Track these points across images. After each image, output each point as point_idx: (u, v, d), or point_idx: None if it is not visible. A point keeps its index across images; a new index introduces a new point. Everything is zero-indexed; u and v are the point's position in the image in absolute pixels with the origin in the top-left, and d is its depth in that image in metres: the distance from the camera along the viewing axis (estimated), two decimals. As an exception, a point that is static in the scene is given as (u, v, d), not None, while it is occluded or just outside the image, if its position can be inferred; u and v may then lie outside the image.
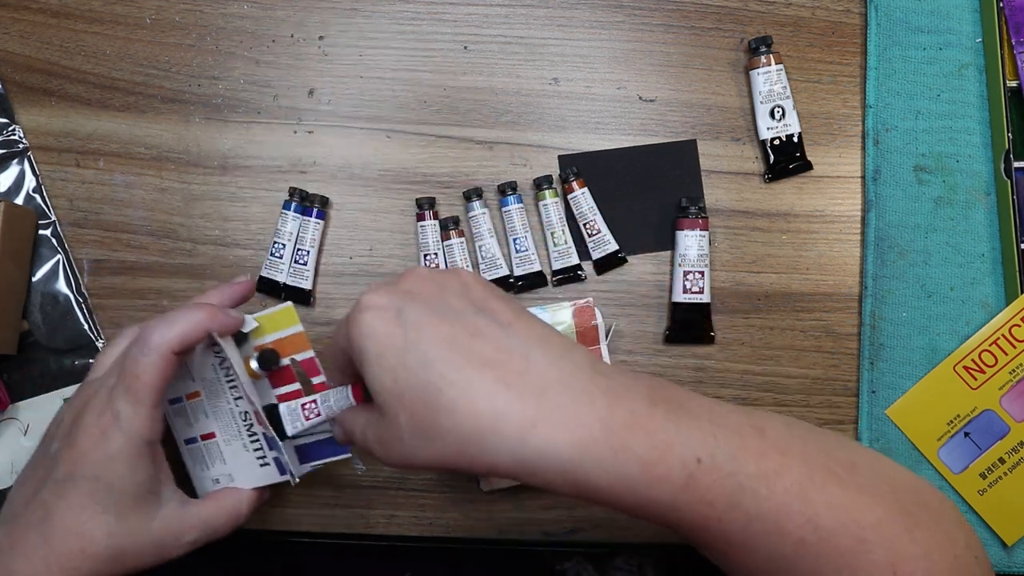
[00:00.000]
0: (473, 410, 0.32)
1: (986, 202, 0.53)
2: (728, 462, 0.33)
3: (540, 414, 0.32)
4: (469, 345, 0.33)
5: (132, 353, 0.40)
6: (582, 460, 0.32)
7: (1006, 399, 0.51)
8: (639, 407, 0.34)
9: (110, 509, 0.39)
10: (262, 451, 0.45)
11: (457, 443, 0.32)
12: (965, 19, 0.54)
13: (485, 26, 0.55)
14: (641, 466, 0.32)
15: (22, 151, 0.53)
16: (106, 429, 0.39)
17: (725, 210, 0.54)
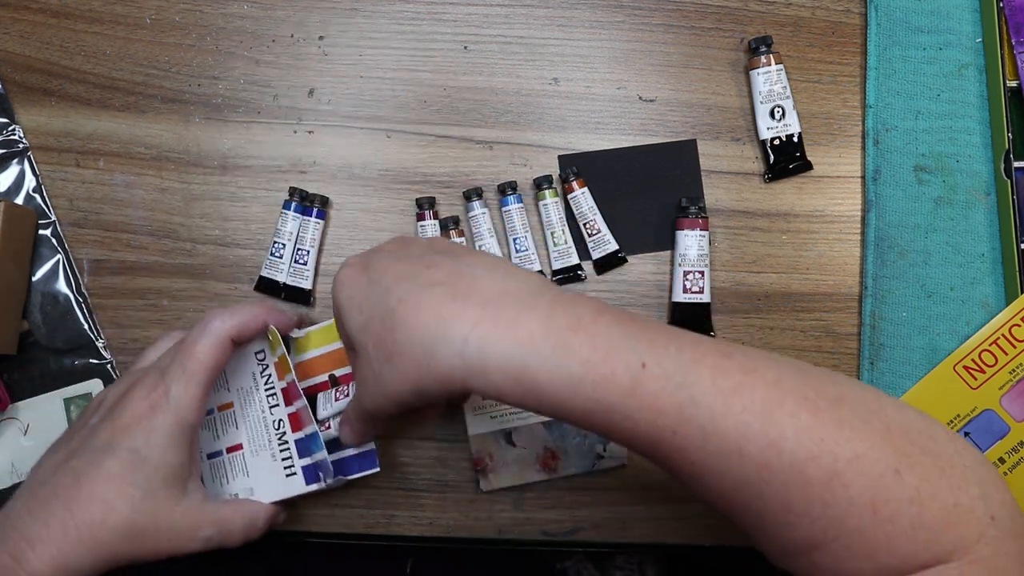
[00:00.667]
0: (422, 321, 0.34)
1: (986, 202, 0.53)
2: (678, 372, 0.33)
3: (482, 317, 0.33)
4: (422, 275, 0.36)
5: (191, 336, 0.42)
6: (523, 357, 0.33)
7: (1006, 399, 0.51)
8: (584, 313, 0.34)
9: (140, 484, 0.40)
10: (290, 460, 0.46)
11: (413, 356, 0.34)
12: (965, 19, 0.54)
13: (485, 26, 0.55)
14: (583, 365, 0.33)
15: (22, 151, 0.53)
16: (155, 404, 0.40)
17: (725, 210, 0.54)
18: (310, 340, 0.47)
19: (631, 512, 0.52)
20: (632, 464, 0.52)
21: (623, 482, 0.52)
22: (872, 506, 0.32)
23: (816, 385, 0.34)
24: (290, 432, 0.46)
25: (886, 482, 0.32)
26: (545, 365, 0.33)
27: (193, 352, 0.42)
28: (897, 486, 0.32)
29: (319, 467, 0.46)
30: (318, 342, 0.47)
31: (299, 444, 0.46)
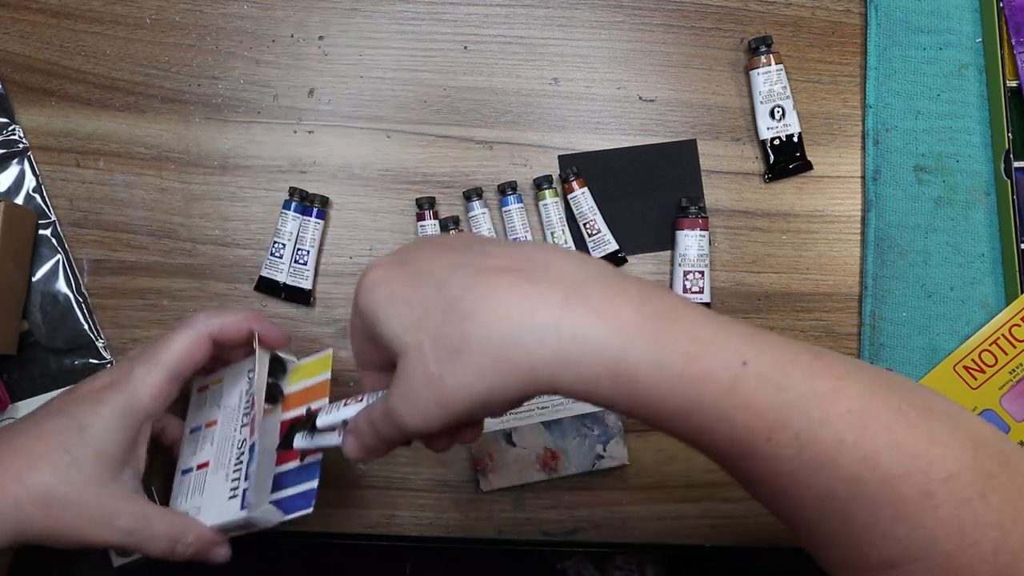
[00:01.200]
0: (500, 310, 0.30)
1: (986, 202, 0.53)
2: (777, 373, 0.30)
3: (572, 301, 0.30)
4: (481, 262, 0.31)
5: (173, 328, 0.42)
6: (623, 346, 0.29)
7: (1006, 399, 0.51)
8: (674, 303, 0.31)
9: (70, 451, 0.38)
10: (237, 481, 0.42)
11: (489, 350, 0.30)
12: (965, 19, 0.54)
13: (485, 26, 0.55)
14: (683, 358, 0.30)
15: (22, 151, 0.53)
16: (115, 382, 0.40)
17: (725, 210, 0.54)
18: (301, 372, 0.45)
19: (631, 512, 0.52)
20: (632, 464, 0.52)
21: (623, 482, 0.52)
22: (960, 530, 0.30)
23: (905, 395, 0.32)
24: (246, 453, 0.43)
25: (974, 505, 0.30)
26: (647, 357, 0.29)
27: (167, 341, 0.41)
28: (984, 509, 0.30)
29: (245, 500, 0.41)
30: (308, 373, 0.45)
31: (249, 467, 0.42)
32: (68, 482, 0.38)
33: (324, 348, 0.45)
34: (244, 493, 0.41)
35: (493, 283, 0.30)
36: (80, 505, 0.38)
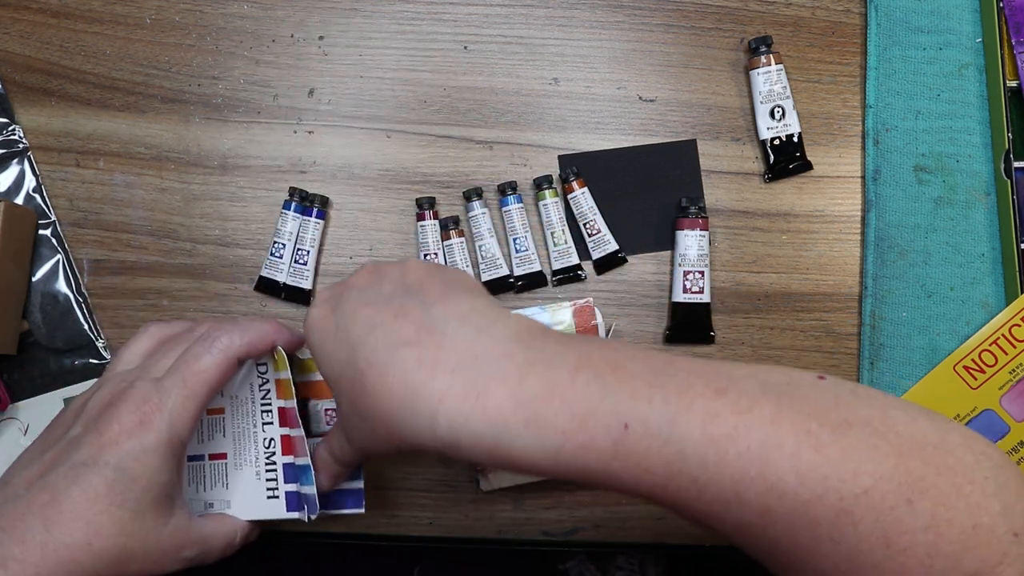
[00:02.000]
0: (389, 391, 0.32)
1: (986, 202, 0.53)
2: (665, 427, 0.31)
3: (451, 388, 0.32)
4: (390, 326, 0.34)
5: (195, 350, 0.40)
6: (495, 435, 0.31)
7: (1006, 399, 0.51)
8: (558, 376, 0.32)
9: (128, 505, 0.36)
10: (275, 482, 0.43)
11: (383, 423, 0.33)
12: (965, 19, 0.54)
13: (485, 26, 0.55)
14: (560, 436, 0.31)
15: (22, 151, 0.53)
16: (147, 418, 0.37)
17: (725, 210, 0.54)
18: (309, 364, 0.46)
19: (631, 512, 0.52)
20: (632, 464, 0.52)
21: (623, 482, 0.52)
22: (884, 540, 0.30)
23: (819, 412, 0.32)
24: (280, 454, 0.44)
25: (898, 514, 0.30)
26: (519, 441, 0.31)
27: (196, 368, 0.39)
28: (910, 516, 0.30)
29: (304, 499, 0.43)
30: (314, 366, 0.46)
31: (287, 469, 0.43)
32: (135, 537, 0.37)
33: None
34: (288, 495, 0.43)
35: (391, 359, 0.33)
36: (150, 552, 0.38)
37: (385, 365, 0.33)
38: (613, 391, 0.31)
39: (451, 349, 0.32)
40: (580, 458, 0.31)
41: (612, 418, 0.31)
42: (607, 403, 0.31)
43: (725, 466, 0.31)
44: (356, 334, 0.34)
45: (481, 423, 0.31)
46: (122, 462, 0.37)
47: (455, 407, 0.31)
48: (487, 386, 0.32)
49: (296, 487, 0.43)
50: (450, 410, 0.31)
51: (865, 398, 0.34)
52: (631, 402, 0.31)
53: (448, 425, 0.31)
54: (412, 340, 0.33)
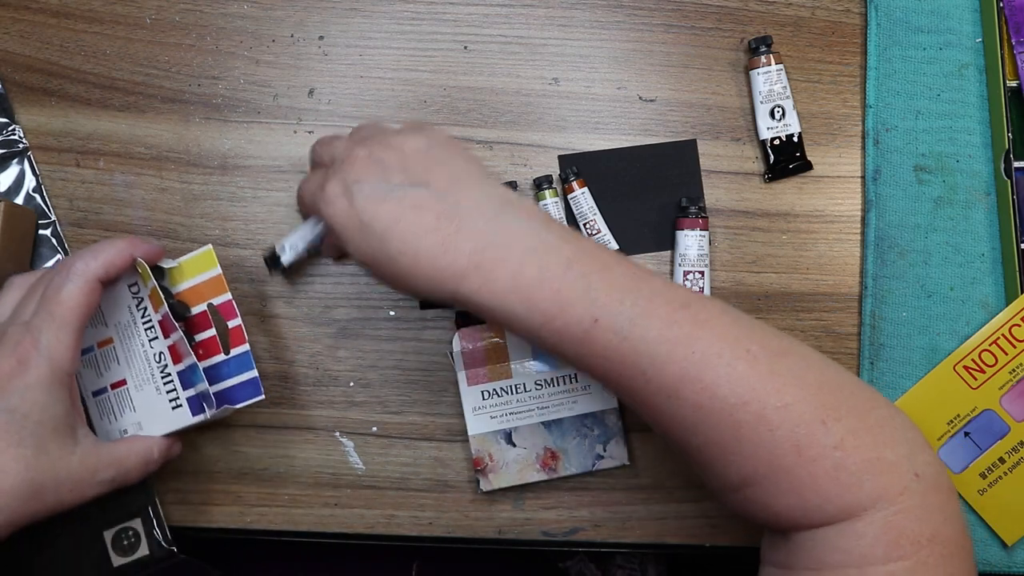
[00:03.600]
0: (421, 272, 0.38)
1: (986, 202, 0.53)
2: (626, 326, 0.37)
3: (468, 271, 0.38)
4: (412, 217, 0.39)
5: (55, 282, 0.40)
6: (500, 305, 0.38)
7: (1006, 399, 0.51)
8: (552, 266, 0.38)
9: (27, 442, 0.38)
10: (175, 392, 0.46)
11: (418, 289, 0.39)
12: (965, 19, 0.54)
13: (485, 26, 0.55)
14: (544, 318, 0.38)
15: (22, 151, 0.53)
16: (24, 357, 0.39)
17: (725, 210, 0.54)
18: (183, 270, 0.47)
19: (631, 512, 0.52)
20: (632, 464, 0.52)
21: (623, 482, 0.52)
22: (796, 448, 0.36)
23: (762, 339, 0.38)
24: (171, 364, 0.46)
25: (811, 429, 0.36)
26: (514, 316, 0.38)
27: (59, 298, 0.40)
28: (822, 434, 0.36)
29: (202, 398, 0.45)
30: (192, 271, 0.47)
31: (181, 376, 0.46)
32: (43, 470, 0.39)
33: None
34: (190, 400, 0.46)
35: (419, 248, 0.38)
36: (62, 481, 0.39)
37: (416, 252, 0.38)
38: (594, 288, 0.38)
39: (467, 235, 0.38)
40: (556, 338, 0.38)
41: (587, 311, 0.37)
42: (587, 297, 0.38)
43: (672, 364, 0.37)
44: (382, 227, 0.39)
45: (489, 297, 0.38)
46: (10, 403, 0.38)
47: (471, 284, 0.38)
48: (494, 270, 0.38)
49: (193, 391, 0.45)
50: (468, 286, 0.38)
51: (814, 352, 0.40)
52: (605, 300, 0.38)
53: (466, 296, 0.38)
54: (433, 227, 0.38)
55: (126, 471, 0.43)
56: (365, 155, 0.41)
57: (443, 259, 0.38)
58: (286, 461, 0.52)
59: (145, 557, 0.49)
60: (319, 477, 0.52)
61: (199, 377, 0.45)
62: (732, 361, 0.37)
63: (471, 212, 0.39)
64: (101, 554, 0.49)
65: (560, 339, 0.38)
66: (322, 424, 0.52)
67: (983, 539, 0.51)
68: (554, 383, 0.51)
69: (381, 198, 0.39)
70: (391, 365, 0.52)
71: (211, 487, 0.51)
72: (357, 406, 0.52)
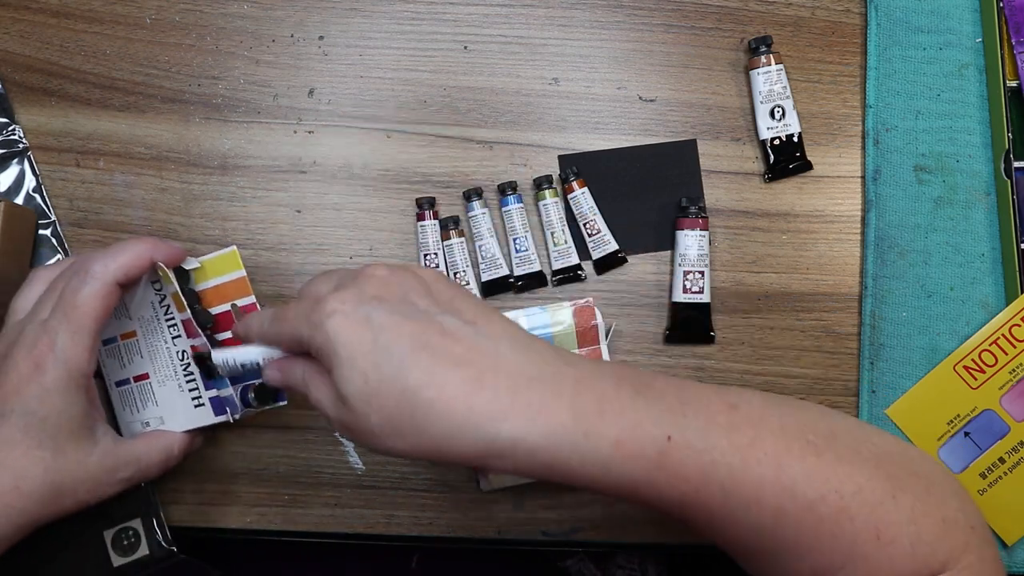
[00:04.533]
0: (450, 409, 0.33)
1: (986, 202, 0.53)
2: (699, 439, 0.35)
3: (513, 408, 0.33)
4: (440, 345, 0.34)
5: (72, 284, 0.40)
6: (556, 446, 0.33)
7: (1006, 399, 0.51)
8: (606, 390, 0.35)
9: (45, 444, 0.38)
10: (197, 391, 0.46)
11: (431, 438, 0.33)
12: (965, 19, 0.54)
13: (485, 26, 0.55)
14: (613, 446, 0.34)
15: (22, 151, 0.53)
16: (40, 360, 0.38)
17: (725, 210, 0.54)
18: (206, 271, 0.47)
19: (631, 512, 0.52)
20: (632, 464, 0.52)
21: (623, 482, 0.52)
22: (876, 532, 0.35)
23: (812, 425, 0.37)
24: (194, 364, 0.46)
25: (886, 508, 0.35)
26: (578, 452, 0.33)
27: (76, 301, 0.39)
28: (896, 510, 0.35)
29: (225, 402, 0.45)
30: (215, 271, 0.47)
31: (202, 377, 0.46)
32: (62, 472, 0.39)
33: None
34: (212, 401, 0.46)
35: (448, 379, 0.33)
36: (81, 482, 0.40)
37: (442, 385, 0.33)
38: (653, 405, 0.35)
39: (506, 371, 0.34)
40: (627, 467, 0.34)
41: (657, 429, 0.34)
42: (651, 415, 0.34)
43: (748, 471, 0.34)
44: (403, 351, 0.33)
45: (542, 436, 0.33)
46: (27, 407, 0.38)
47: (520, 424, 0.33)
48: (545, 403, 0.33)
49: (216, 392, 0.45)
50: (514, 426, 0.33)
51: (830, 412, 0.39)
52: (669, 416, 0.35)
53: (509, 439, 0.33)
54: (465, 360, 0.34)
55: (146, 468, 0.43)
56: (385, 274, 0.36)
57: (479, 396, 0.33)
58: (286, 461, 0.52)
59: (145, 557, 0.49)
60: (319, 477, 0.52)
61: (223, 384, 0.45)
62: (802, 455, 0.35)
63: (508, 346, 0.35)
64: (101, 554, 0.49)
65: (632, 469, 0.34)
66: (322, 424, 0.52)
67: (983, 539, 0.51)
68: (554, 383, 0.51)
69: (404, 317, 0.34)
70: (391, 365, 0.52)
71: (211, 487, 0.51)
72: (357, 406, 0.52)
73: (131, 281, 0.42)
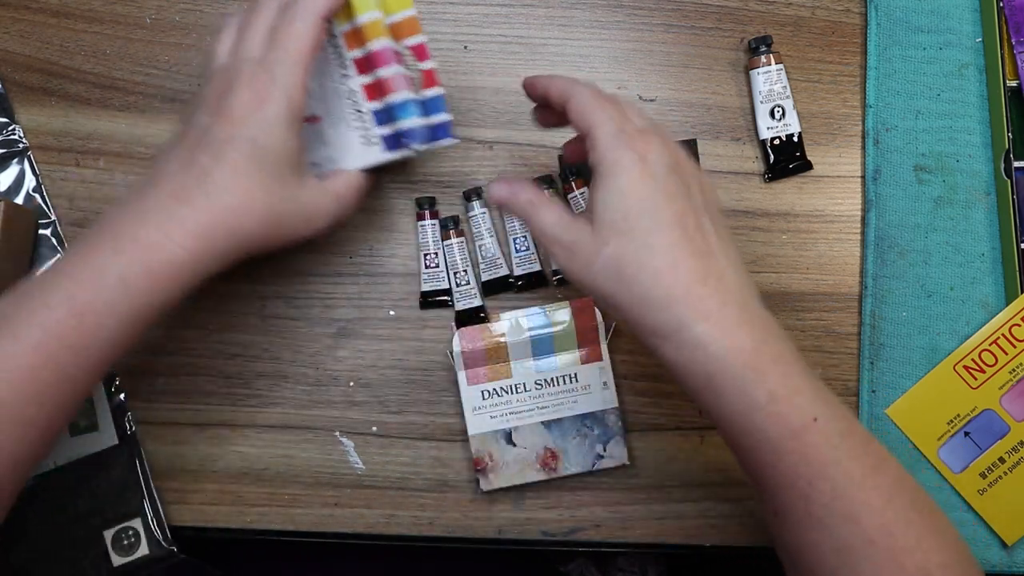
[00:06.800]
0: (670, 284, 0.37)
1: (986, 202, 0.53)
2: (836, 435, 0.37)
3: (716, 313, 0.37)
4: (694, 233, 0.38)
5: (287, 19, 0.40)
6: (728, 365, 0.36)
7: (1006, 399, 0.51)
8: (787, 350, 0.38)
9: (268, 171, 0.40)
10: (367, 129, 0.45)
11: (636, 295, 0.37)
12: (965, 19, 0.54)
13: (485, 26, 0.55)
14: (768, 396, 0.36)
15: (22, 151, 0.53)
16: (263, 93, 0.39)
17: (725, 210, 0.54)
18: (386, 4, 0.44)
19: (631, 512, 0.52)
20: (632, 464, 0.52)
21: (623, 482, 0.52)
22: None
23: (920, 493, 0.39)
24: (365, 102, 0.44)
25: None
26: (739, 382, 0.36)
27: (293, 36, 0.40)
28: None
29: (404, 135, 0.44)
30: (390, 7, 0.44)
31: (377, 115, 0.45)
32: (284, 200, 0.41)
33: None
34: (385, 139, 0.45)
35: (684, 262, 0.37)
36: (298, 212, 0.42)
37: (678, 264, 0.37)
38: (815, 386, 0.38)
39: (727, 284, 0.38)
40: (770, 424, 0.36)
41: (809, 405, 0.37)
42: (809, 392, 0.37)
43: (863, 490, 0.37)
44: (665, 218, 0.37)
45: (723, 349, 0.36)
46: (254, 134, 0.39)
47: (714, 331, 0.37)
48: (741, 326, 0.37)
49: (389, 129, 0.44)
50: (709, 330, 0.37)
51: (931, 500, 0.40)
52: (824, 402, 0.37)
53: (696, 336, 0.37)
54: (704, 256, 0.38)
55: (346, 204, 0.44)
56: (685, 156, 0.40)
57: (698, 289, 0.37)
58: (286, 461, 0.52)
59: (145, 557, 0.49)
60: (319, 477, 0.52)
61: (407, 113, 0.43)
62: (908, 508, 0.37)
63: (732, 268, 0.39)
64: (101, 554, 0.49)
65: (771, 427, 0.37)
66: (322, 424, 0.52)
67: (983, 539, 0.51)
68: (554, 383, 0.51)
69: (680, 197, 0.38)
70: (391, 365, 0.52)
71: (211, 487, 0.51)
72: (357, 406, 0.52)
73: (332, 15, 0.42)
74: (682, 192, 0.38)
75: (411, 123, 0.43)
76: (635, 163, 0.38)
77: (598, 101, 0.40)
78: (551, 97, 0.42)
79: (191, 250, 0.38)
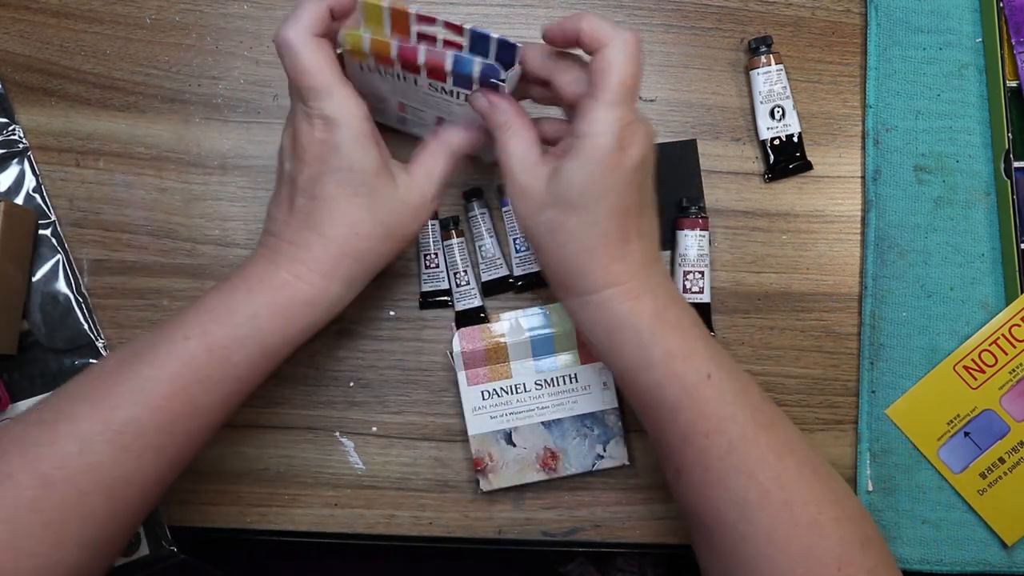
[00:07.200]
0: (594, 258, 0.40)
1: (986, 202, 0.53)
2: (730, 392, 0.40)
3: (626, 283, 0.40)
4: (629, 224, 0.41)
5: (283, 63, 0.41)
6: (626, 320, 0.40)
7: (1006, 399, 0.51)
8: (684, 318, 0.41)
9: (360, 192, 0.41)
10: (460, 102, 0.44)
11: (561, 259, 0.41)
12: (965, 19, 0.54)
13: (485, 26, 0.54)
14: (665, 354, 0.40)
15: (22, 151, 0.53)
16: (321, 132, 0.41)
17: (725, 210, 0.54)
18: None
19: (631, 512, 0.52)
20: (632, 464, 0.52)
21: (623, 482, 0.52)
22: (838, 565, 0.38)
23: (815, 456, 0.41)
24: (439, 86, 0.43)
25: (854, 549, 0.38)
26: (638, 338, 0.40)
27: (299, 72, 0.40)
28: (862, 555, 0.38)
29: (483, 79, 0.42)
30: None
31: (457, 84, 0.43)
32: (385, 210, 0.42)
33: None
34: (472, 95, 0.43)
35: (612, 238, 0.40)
36: (404, 213, 0.43)
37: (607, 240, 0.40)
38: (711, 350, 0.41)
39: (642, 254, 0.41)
40: (666, 380, 0.40)
41: (704, 364, 0.40)
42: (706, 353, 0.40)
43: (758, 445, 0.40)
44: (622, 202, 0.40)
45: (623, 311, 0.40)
46: (332, 164, 0.41)
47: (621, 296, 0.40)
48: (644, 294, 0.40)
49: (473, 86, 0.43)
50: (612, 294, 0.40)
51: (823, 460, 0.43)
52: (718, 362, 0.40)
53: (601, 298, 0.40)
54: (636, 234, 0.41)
55: (441, 176, 0.45)
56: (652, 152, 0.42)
57: (616, 265, 0.40)
58: (286, 461, 0.52)
59: (145, 557, 0.49)
60: (319, 477, 0.52)
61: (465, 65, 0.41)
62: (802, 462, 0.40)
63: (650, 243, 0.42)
64: (101, 554, 0.49)
65: (667, 383, 0.40)
66: (322, 424, 0.52)
67: (983, 539, 0.51)
68: (554, 383, 0.51)
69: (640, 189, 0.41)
70: (391, 365, 0.52)
71: (211, 487, 0.51)
72: (357, 406, 0.52)
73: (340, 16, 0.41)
74: (638, 185, 0.41)
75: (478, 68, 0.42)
76: (613, 152, 0.39)
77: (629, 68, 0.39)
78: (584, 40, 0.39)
79: (318, 286, 0.41)
